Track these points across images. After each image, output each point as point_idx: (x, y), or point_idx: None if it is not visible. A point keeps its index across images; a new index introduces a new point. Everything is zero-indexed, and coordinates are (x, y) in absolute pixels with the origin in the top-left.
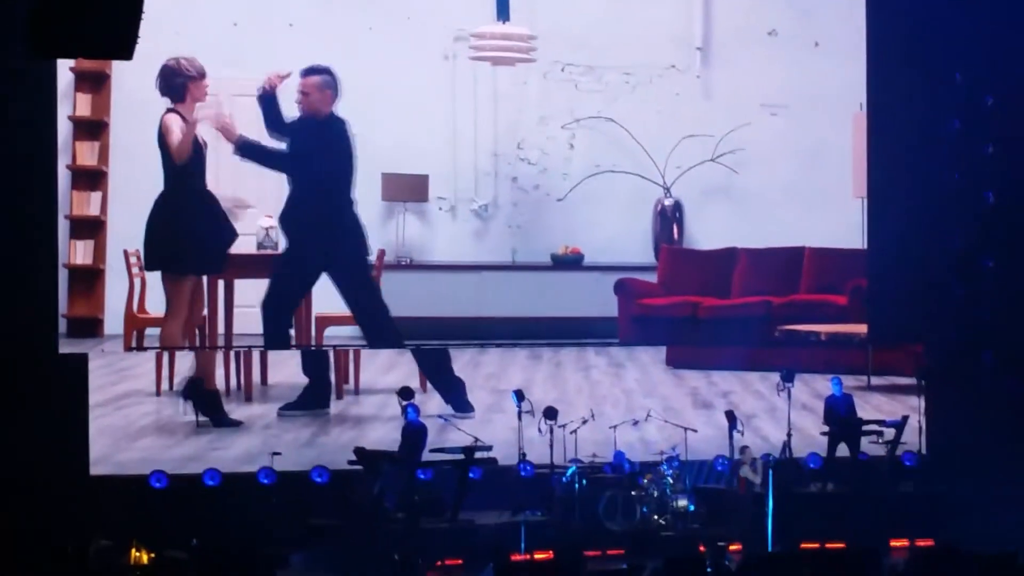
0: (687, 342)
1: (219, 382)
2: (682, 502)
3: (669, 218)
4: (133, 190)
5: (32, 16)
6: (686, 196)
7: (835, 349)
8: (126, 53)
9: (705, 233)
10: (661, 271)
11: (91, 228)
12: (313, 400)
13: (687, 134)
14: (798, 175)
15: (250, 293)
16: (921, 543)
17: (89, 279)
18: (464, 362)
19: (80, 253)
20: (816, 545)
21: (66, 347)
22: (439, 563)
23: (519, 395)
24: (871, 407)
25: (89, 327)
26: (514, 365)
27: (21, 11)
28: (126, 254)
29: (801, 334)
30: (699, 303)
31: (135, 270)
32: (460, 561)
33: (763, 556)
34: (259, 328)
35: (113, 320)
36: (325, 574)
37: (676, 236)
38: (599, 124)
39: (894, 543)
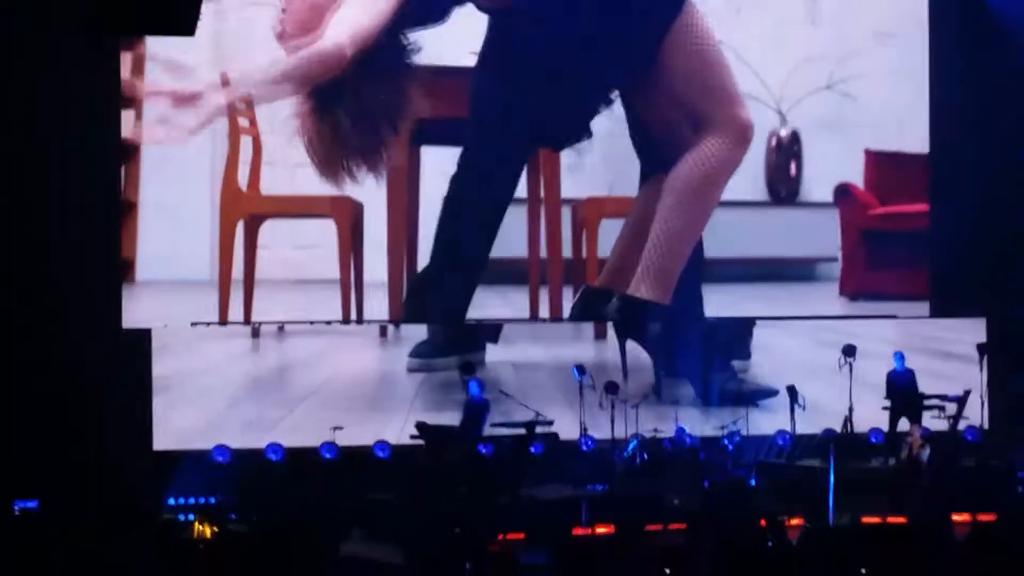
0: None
1: None
2: (744, 476)
3: (786, 151)
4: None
5: None
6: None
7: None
8: (188, 29)
9: (818, 169)
10: (870, 180)
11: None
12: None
13: (796, 61)
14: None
15: None
16: (983, 518)
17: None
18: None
19: None
20: (877, 520)
21: None
22: (500, 537)
23: (580, 369)
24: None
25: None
26: None
27: None
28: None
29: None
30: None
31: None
32: (522, 535)
33: (824, 531)
34: None
35: (147, 264)
36: (386, 548)
37: (794, 172)
38: None
39: (956, 518)
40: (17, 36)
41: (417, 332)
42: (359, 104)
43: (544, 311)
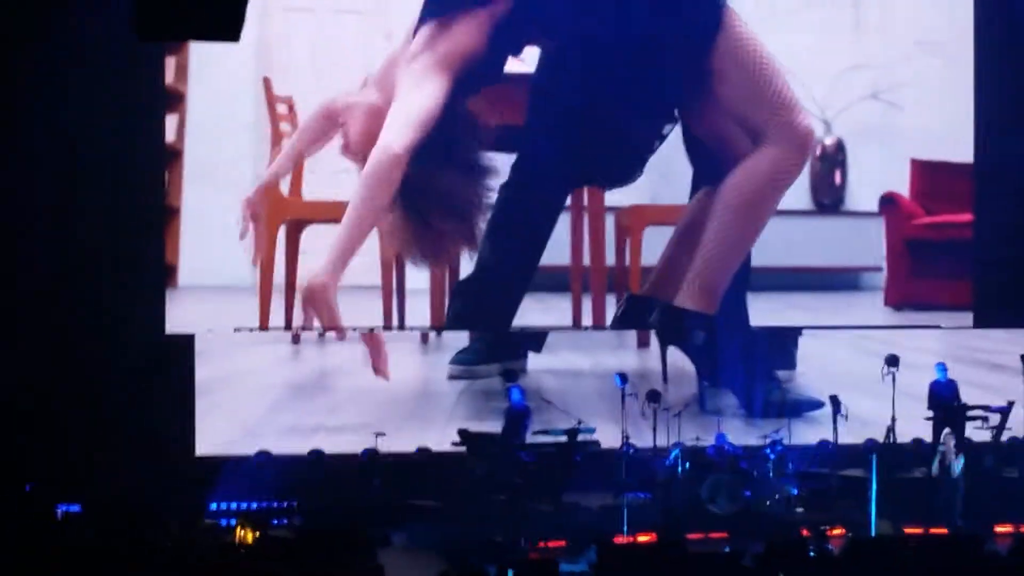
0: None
1: None
2: (785, 486)
3: (831, 159)
4: (214, 114)
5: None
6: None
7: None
8: (233, 34)
9: (863, 178)
10: (915, 189)
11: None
12: None
13: (840, 68)
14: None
15: None
16: None
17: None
18: None
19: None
20: (920, 530)
21: None
22: (541, 544)
23: (623, 378)
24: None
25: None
26: None
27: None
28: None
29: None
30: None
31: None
32: (563, 542)
33: (866, 541)
34: None
35: (190, 270)
36: (426, 554)
37: (839, 181)
38: None
39: (998, 529)
40: (63, 43)
41: (458, 339)
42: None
43: (587, 319)
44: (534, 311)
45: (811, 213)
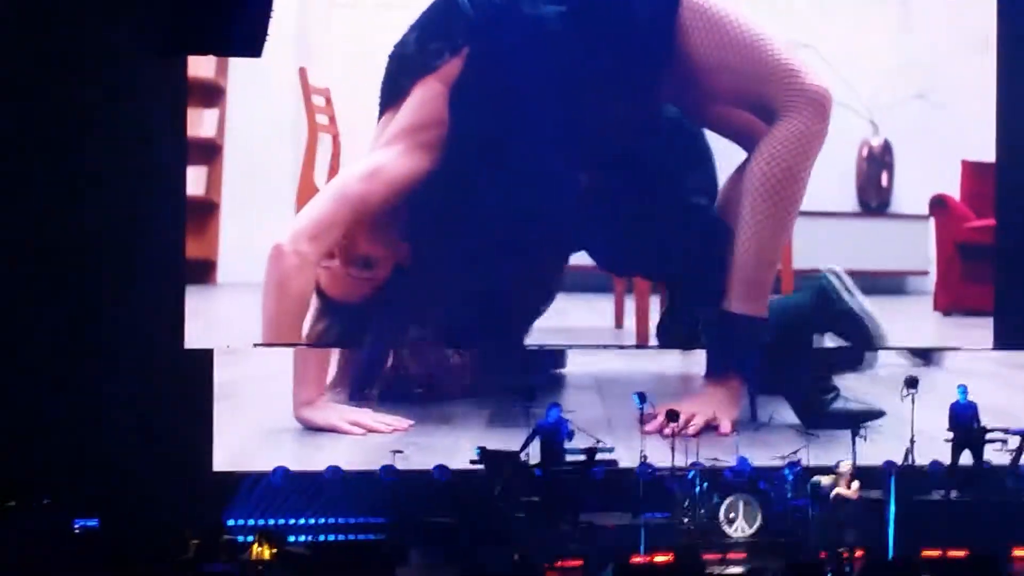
0: None
1: None
2: (804, 507)
3: (877, 160)
4: (252, 109)
5: (164, 14)
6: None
7: None
8: (255, 50)
9: (908, 179)
10: (966, 191)
11: (206, 152)
12: None
13: (886, 68)
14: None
15: None
16: None
17: (201, 213)
18: None
19: (191, 182)
20: (938, 552)
21: None
22: (559, 563)
23: (641, 397)
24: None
25: (200, 272)
26: None
27: (152, 10)
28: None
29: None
30: None
31: None
32: (580, 562)
33: (884, 563)
34: None
35: (229, 265)
36: (444, 571)
37: (886, 183)
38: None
39: (1017, 551)
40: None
41: None
42: None
43: (628, 320)
44: (577, 311)
45: (857, 215)
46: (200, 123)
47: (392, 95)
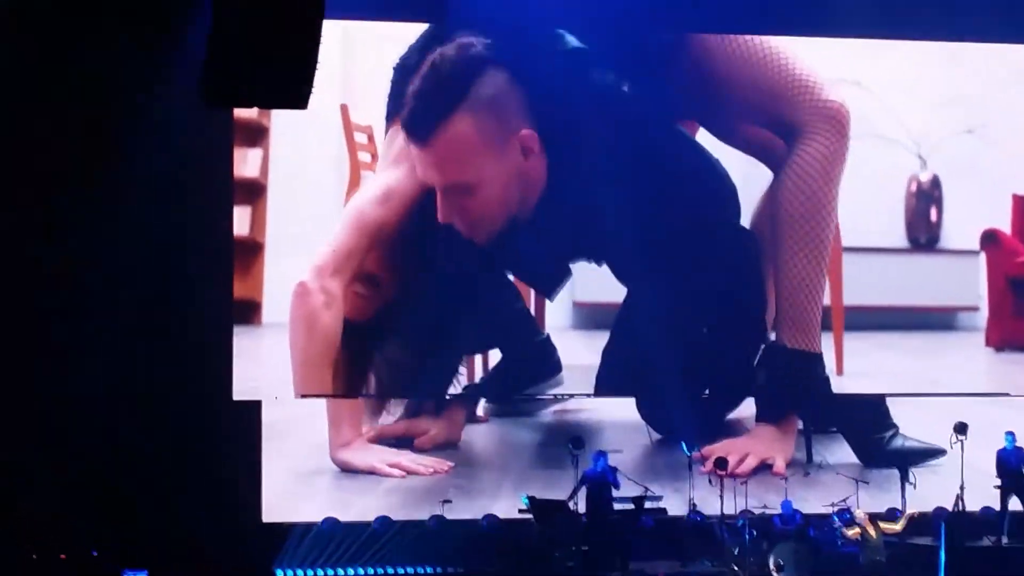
0: None
1: None
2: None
3: (926, 195)
4: (296, 148)
5: (207, 65)
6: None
7: None
8: (301, 102)
9: (957, 215)
10: (1018, 225)
11: (249, 192)
12: None
13: (935, 102)
14: None
15: None
16: None
17: (246, 253)
18: None
19: (236, 221)
20: None
21: None
22: None
23: (689, 445)
24: None
25: (244, 312)
26: None
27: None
28: None
29: None
30: None
31: None
32: None
33: None
34: None
35: (274, 305)
36: None
37: (935, 218)
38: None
39: None
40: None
41: None
42: None
43: None
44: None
45: (906, 251)
46: (244, 162)
47: (398, 106)
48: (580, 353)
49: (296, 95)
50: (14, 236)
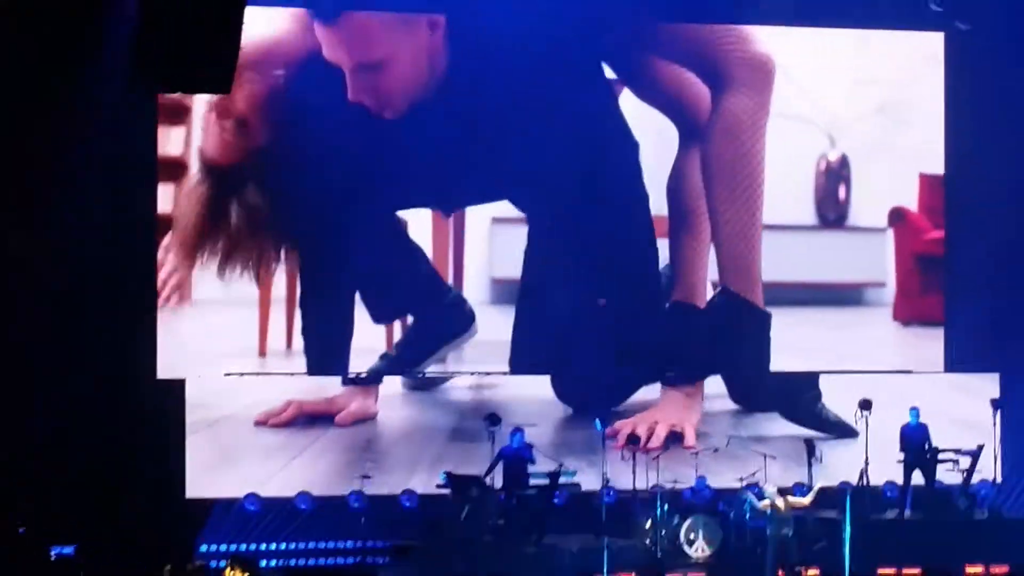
0: None
1: None
2: (761, 528)
3: (835, 174)
4: None
5: (134, 52)
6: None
7: None
8: (224, 87)
9: (866, 193)
10: (924, 204)
11: (173, 171)
12: None
13: (845, 85)
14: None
15: None
16: (996, 569)
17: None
18: None
19: (159, 199)
20: (892, 571)
21: None
22: None
23: (601, 420)
24: None
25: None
26: None
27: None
28: None
29: None
30: None
31: None
32: None
33: None
34: None
35: (201, 284)
36: None
37: (844, 196)
38: None
39: (969, 569)
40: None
41: None
42: None
43: None
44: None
45: (815, 228)
46: (167, 141)
47: None
48: (500, 329)
49: (220, 80)
50: None
